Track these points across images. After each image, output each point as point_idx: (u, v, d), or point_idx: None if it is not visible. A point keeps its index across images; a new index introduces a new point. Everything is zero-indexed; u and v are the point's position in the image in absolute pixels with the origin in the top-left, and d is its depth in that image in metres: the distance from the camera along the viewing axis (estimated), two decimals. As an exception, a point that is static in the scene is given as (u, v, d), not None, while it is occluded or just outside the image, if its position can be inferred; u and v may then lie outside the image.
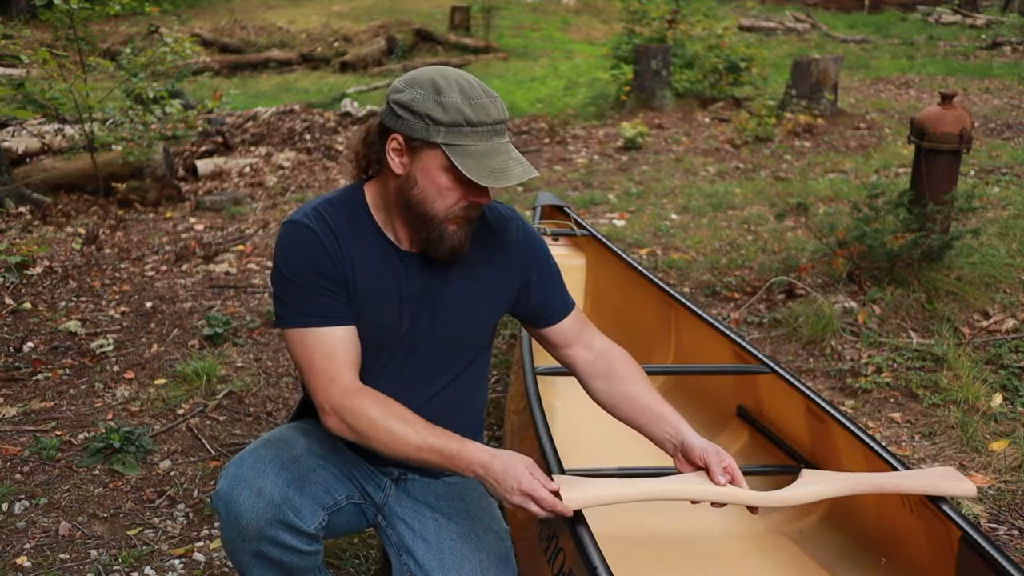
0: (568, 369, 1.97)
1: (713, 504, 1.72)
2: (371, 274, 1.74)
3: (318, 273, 1.69)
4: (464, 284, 1.80)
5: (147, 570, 2.39)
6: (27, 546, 2.49)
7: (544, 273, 1.90)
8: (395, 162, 1.67)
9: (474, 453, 1.63)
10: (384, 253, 1.75)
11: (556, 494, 1.60)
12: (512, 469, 1.60)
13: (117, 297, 4.46)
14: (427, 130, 1.62)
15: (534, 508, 1.59)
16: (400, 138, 1.65)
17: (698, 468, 1.71)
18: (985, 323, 3.81)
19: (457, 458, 1.63)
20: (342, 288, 1.71)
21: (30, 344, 3.83)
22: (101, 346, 3.81)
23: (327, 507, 1.74)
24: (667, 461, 2.72)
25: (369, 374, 1.77)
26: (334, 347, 1.69)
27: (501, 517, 1.91)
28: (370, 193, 1.78)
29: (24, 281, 4.58)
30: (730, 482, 1.67)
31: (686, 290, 4.42)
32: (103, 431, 3.00)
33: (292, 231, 1.72)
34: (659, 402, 1.83)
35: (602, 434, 2.94)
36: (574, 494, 1.61)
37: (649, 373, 3.13)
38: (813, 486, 1.75)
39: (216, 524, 2.56)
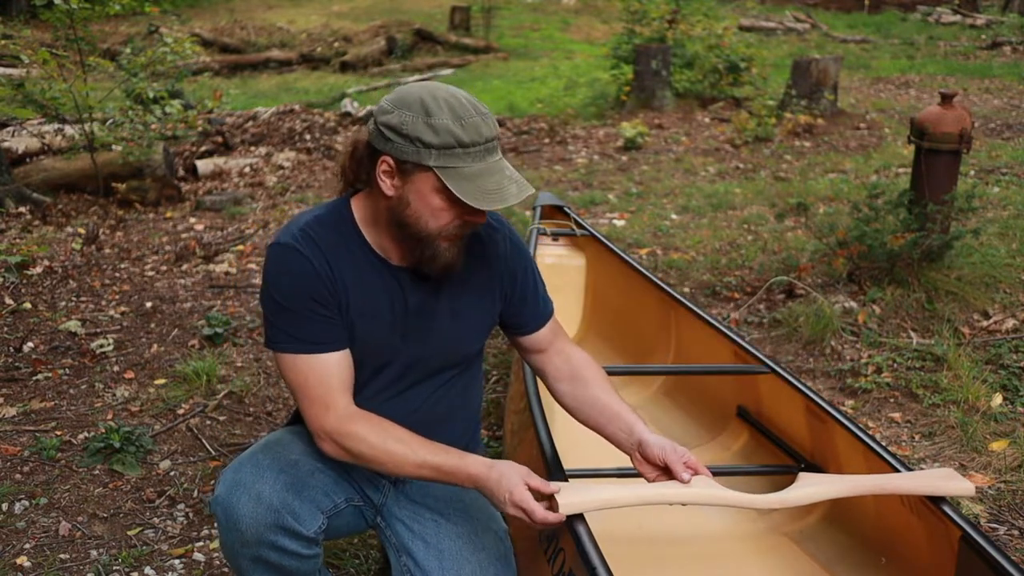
0: (536, 373, 2.00)
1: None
2: (363, 292, 1.72)
3: (312, 299, 1.67)
4: (455, 298, 1.80)
5: (147, 570, 2.39)
6: (27, 546, 2.48)
7: (527, 285, 1.90)
8: (386, 184, 1.64)
9: (472, 467, 1.63)
10: (375, 269, 1.73)
11: (552, 498, 1.60)
12: (506, 480, 1.59)
13: (117, 297, 4.45)
14: (418, 153, 1.58)
15: (526, 519, 1.59)
16: (391, 160, 1.61)
17: (657, 467, 1.71)
18: (985, 323, 3.81)
19: (455, 473, 1.64)
20: (335, 311, 1.69)
21: (30, 344, 3.83)
22: (101, 346, 3.81)
23: (326, 511, 1.73)
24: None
25: (361, 387, 1.77)
26: (328, 374, 1.68)
27: (501, 517, 1.91)
28: (358, 208, 1.74)
29: (24, 281, 4.58)
30: (694, 475, 1.66)
31: (686, 290, 4.42)
32: (103, 431, 3.00)
33: (282, 255, 1.68)
34: (617, 402, 1.82)
35: (602, 434, 2.94)
36: (569, 498, 1.61)
37: (649, 373, 3.17)
38: (811, 487, 1.75)
39: (216, 524, 2.56)
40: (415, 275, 1.75)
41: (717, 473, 2.43)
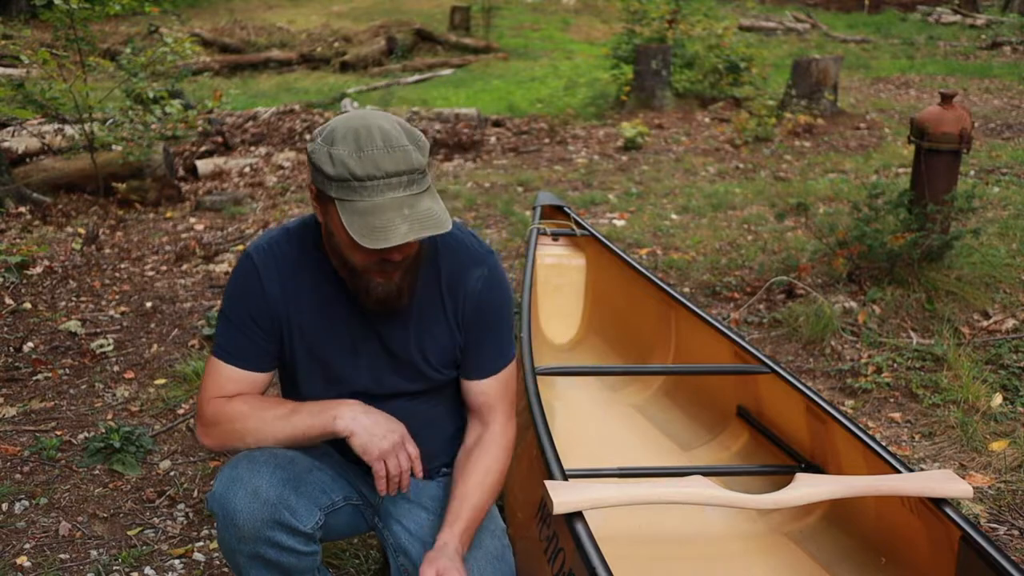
0: None
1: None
2: (320, 311, 1.73)
3: (248, 315, 1.72)
4: (421, 325, 1.77)
5: (147, 570, 2.39)
6: (27, 546, 2.48)
7: (486, 326, 1.81)
8: (317, 211, 1.66)
9: (347, 406, 1.67)
10: (336, 290, 1.73)
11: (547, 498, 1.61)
12: (385, 429, 1.66)
13: (117, 297, 4.46)
14: (323, 183, 1.57)
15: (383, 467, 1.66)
16: (313, 188, 1.63)
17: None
18: (985, 323, 3.81)
19: (329, 407, 1.68)
20: (269, 331, 1.73)
21: (30, 344, 3.83)
22: (101, 346, 3.81)
23: (323, 507, 1.73)
24: (667, 461, 2.74)
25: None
26: (227, 381, 1.73)
27: (498, 515, 1.91)
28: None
29: (24, 281, 4.58)
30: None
31: (686, 290, 4.42)
32: (103, 431, 3.00)
33: (241, 267, 1.75)
34: (469, 493, 1.75)
35: (602, 434, 2.94)
36: (565, 496, 1.61)
37: (649, 373, 3.17)
38: (806, 488, 1.75)
39: (216, 524, 2.56)
40: None
41: (717, 473, 2.45)
